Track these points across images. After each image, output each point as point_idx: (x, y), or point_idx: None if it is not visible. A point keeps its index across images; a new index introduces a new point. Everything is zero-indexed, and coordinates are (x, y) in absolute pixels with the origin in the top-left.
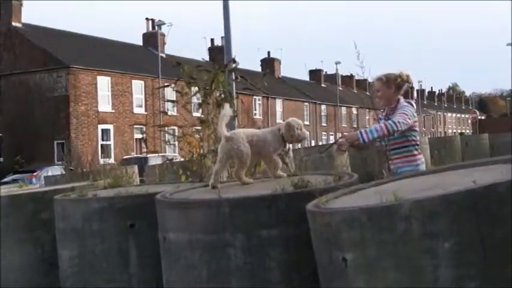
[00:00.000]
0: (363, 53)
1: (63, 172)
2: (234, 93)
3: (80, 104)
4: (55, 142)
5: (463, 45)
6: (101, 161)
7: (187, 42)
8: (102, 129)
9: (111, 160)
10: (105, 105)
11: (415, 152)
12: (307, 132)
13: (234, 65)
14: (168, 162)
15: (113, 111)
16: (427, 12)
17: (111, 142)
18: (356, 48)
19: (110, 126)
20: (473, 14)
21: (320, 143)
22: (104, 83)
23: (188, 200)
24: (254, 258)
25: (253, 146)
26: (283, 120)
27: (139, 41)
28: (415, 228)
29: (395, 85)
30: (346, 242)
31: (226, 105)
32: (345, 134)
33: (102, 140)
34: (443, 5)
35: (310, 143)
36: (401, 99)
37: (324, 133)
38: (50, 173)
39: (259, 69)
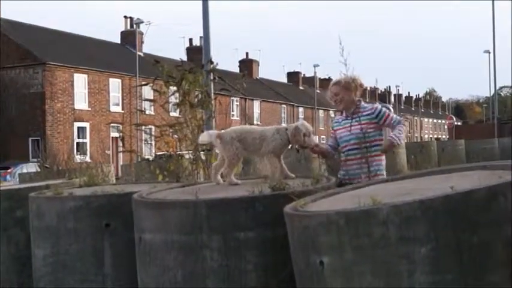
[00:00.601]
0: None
1: (38, 169)
2: (212, 94)
3: (56, 101)
4: (30, 139)
5: (440, 51)
6: (77, 159)
7: (166, 42)
8: (78, 127)
9: (87, 158)
10: (81, 102)
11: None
12: (315, 139)
13: (212, 66)
14: (145, 161)
15: (90, 109)
16: (406, 16)
17: (87, 140)
18: (341, 44)
19: (86, 124)
20: (452, 21)
21: (297, 146)
22: (80, 80)
23: (165, 200)
24: (230, 261)
25: (247, 144)
26: (260, 122)
27: (117, 39)
28: (392, 233)
29: (354, 88)
30: (324, 246)
31: (203, 134)
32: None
33: (78, 137)
34: (422, 10)
35: None
36: (362, 102)
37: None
38: (24, 170)
39: (237, 70)
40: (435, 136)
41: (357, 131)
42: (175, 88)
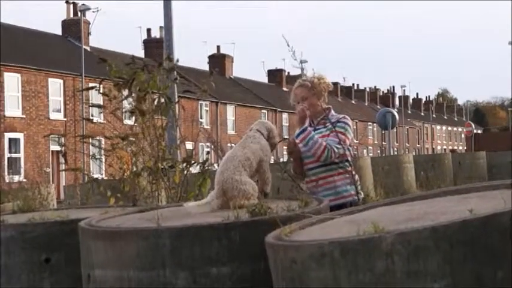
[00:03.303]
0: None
1: None
2: (176, 98)
3: None
4: None
5: (455, 44)
6: (7, 178)
7: (118, 33)
8: (10, 139)
9: (21, 177)
10: (13, 109)
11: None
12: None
13: (171, 62)
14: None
15: (24, 116)
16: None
17: (21, 155)
18: (289, 46)
19: (20, 135)
20: (468, 8)
21: (281, 160)
22: (12, 81)
23: (119, 228)
24: None
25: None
26: (235, 132)
27: (58, 30)
28: (398, 267)
29: (323, 91)
30: (315, 283)
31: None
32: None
33: (10, 152)
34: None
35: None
36: (331, 110)
37: (285, 147)
38: None
39: (206, 67)
40: (450, 147)
41: None
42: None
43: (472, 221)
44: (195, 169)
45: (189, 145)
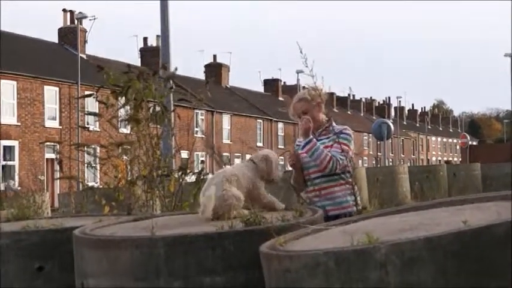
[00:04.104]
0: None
1: None
2: (172, 106)
3: None
4: None
5: (450, 55)
6: (2, 185)
7: (115, 41)
8: (5, 146)
9: (16, 185)
10: (9, 116)
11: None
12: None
13: (167, 71)
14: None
15: (19, 124)
16: (407, 13)
17: (16, 162)
18: (302, 53)
19: (15, 143)
20: (464, 19)
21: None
22: (8, 88)
23: (113, 237)
24: None
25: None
26: (231, 141)
27: (54, 38)
28: (392, 278)
29: (321, 103)
30: None
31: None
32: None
33: (4, 159)
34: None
35: None
36: (332, 121)
37: (281, 157)
38: None
39: (202, 76)
40: (445, 159)
41: None
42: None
43: (466, 232)
44: (190, 178)
45: (184, 154)
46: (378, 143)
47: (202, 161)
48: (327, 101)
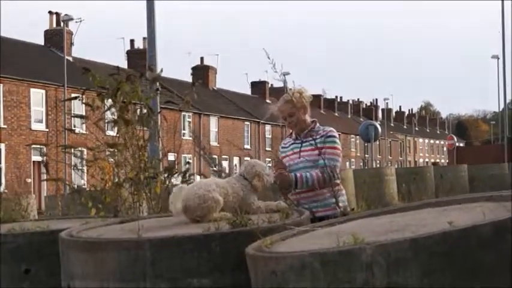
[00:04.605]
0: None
1: None
2: (158, 108)
3: None
4: None
5: (438, 56)
6: None
7: (101, 44)
8: None
9: (2, 188)
10: None
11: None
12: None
13: (153, 73)
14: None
15: (5, 126)
16: (394, 14)
17: (2, 165)
18: (269, 58)
19: (1, 146)
20: (452, 20)
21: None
22: None
23: (99, 239)
24: None
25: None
26: (218, 143)
27: (40, 40)
28: (378, 279)
29: (306, 105)
30: None
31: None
32: (275, 172)
33: None
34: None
35: None
36: (317, 123)
37: (268, 159)
38: None
39: (189, 79)
40: (432, 160)
41: (308, 157)
42: (110, 102)
43: (452, 233)
44: (176, 180)
45: (171, 156)
46: (365, 144)
47: (189, 162)
48: (312, 103)
